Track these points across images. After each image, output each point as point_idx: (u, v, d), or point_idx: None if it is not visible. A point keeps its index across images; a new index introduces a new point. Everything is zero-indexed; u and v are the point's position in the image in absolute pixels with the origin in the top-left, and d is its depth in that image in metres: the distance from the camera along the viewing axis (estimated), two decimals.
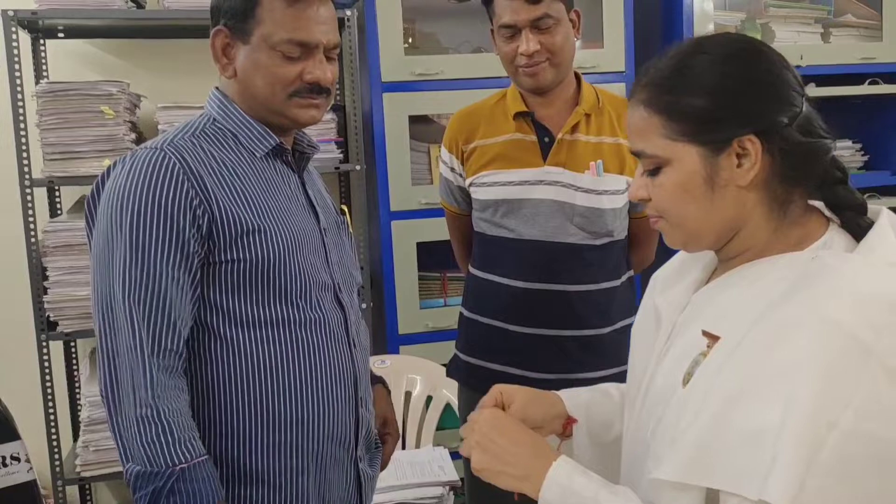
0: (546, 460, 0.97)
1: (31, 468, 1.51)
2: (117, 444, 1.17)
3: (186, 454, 1.15)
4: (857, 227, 0.94)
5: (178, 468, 1.14)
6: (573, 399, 1.20)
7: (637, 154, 0.98)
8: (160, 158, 1.19)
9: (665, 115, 0.94)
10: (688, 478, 0.87)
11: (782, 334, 0.84)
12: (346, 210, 1.51)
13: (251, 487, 1.23)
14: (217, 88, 1.33)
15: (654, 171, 0.97)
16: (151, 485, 1.13)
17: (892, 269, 0.87)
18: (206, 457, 1.17)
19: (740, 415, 0.84)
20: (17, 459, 1.48)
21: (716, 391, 0.87)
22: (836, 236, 0.95)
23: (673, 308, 1.05)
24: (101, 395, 1.18)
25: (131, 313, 1.15)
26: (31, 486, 1.49)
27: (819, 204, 0.99)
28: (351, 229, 1.50)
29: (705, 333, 0.94)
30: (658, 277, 1.15)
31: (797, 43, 2.92)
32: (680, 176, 0.94)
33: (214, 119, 1.29)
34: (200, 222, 1.18)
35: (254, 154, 1.28)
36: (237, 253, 1.20)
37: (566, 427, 1.18)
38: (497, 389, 1.16)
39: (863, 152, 3.08)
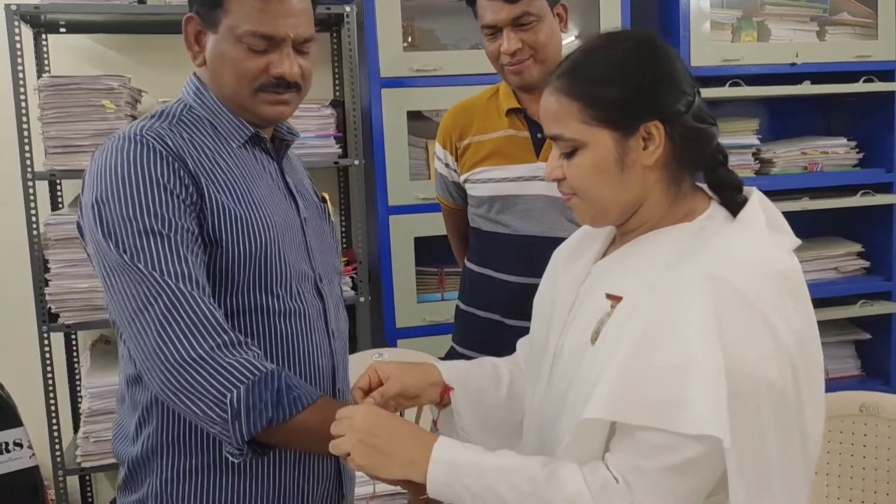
0: (427, 444, 1.03)
1: (33, 454, 1.54)
2: (203, 396, 1.08)
3: (272, 364, 1.13)
4: (734, 203, 1.08)
5: (278, 369, 1.12)
6: (449, 369, 1.26)
7: (554, 138, 1.08)
8: (143, 142, 1.15)
9: (582, 102, 1.04)
10: (608, 416, 0.96)
11: (680, 290, 0.96)
12: (326, 198, 1.49)
13: (229, 477, 1.21)
14: (192, 75, 1.30)
15: (570, 154, 1.07)
16: (267, 389, 1.09)
17: (764, 238, 1.03)
18: None
19: (648, 359, 0.94)
20: (20, 445, 1.51)
21: (624, 340, 0.97)
22: (716, 211, 1.09)
23: (575, 280, 1.17)
24: (154, 369, 1.09)
25: (169, 268, 1.10)
26: (33, 471, 1.52)
27: (702, 186, 1.13)
28: (332, 217, 1.47)
29: (608, 296, 1.06)
30: (559, 254, 1.26)
31: (793, 41, 2.95)
32: (595, 157, 1.05)
33: (191, 106, 1.26)
34: (194, 199, 1.16)
35: (231, 142, 1.26)
36: (218, 238, 1.17)
37: (443, 395, 1.24)
38: (372, 367, 1.21)
39: (857, 150, 3.11)
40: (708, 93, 2.78)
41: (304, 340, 1.26)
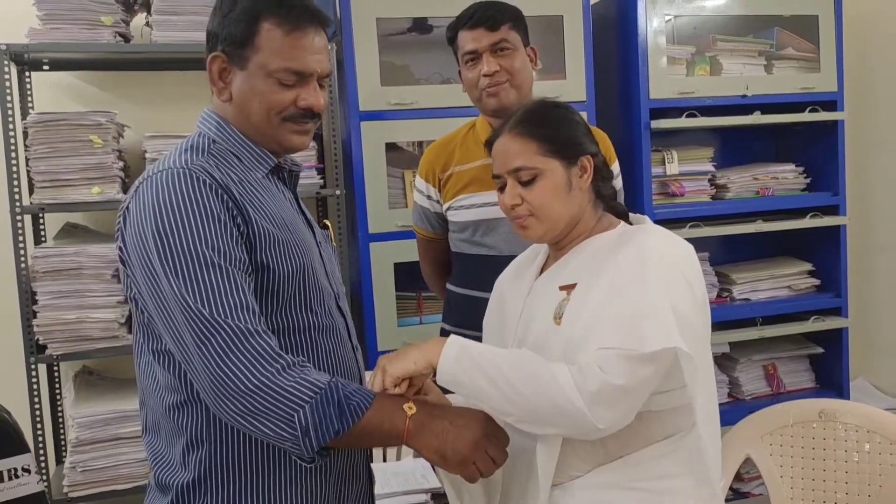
0: (442, 339, 1.27)
1: (40, 479, 1.58)
2: (272, 418, 1.15)
3: (325, 375, 1.20)
4: (628, 223, 1.45)
5: (332, 381, 1.19)
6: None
7: (516, 170, 1.37)
8: (193, 176, 1.21)
9: (538, 140, 1.37)
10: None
11: (628, 263, 1.28)
12: (329, 225, 1.58)
13: (281, 489, 1.28)
14: (209, 111, 1.36)
15: (531, 181, 1.36)
16: (329, 404, 1.16)
17: (671, 233, 1.38)
18: None
19: (615, 306, 1.24)
20: (28, 471, 1.56)
21: (591, 302, 1.27)
22: (625, 224, 1.43)
23: (520, 295, 1.45)
24: (220, 397, 1.16)
25: (225, 302, 1.16)
26: (40, 496, 1.57)
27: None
28: (334, 243, 1.58)
29: (562, 287, 1.35)
30: (503, 280, 1.55)
31: (743, 74, 3.14)
32: (552, 182, 1.36)
33: (214, 140, 1.32)
34: (241, 228, 1.22)
35: (257, 173, 1.33)
36: (266, 261, 1.24)
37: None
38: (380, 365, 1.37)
39: (805, 175, 3.29)
40: (666, 123, 2.96)
41: (339, 354, 1.35)
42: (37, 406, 2.46)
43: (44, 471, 2.49)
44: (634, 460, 1.31)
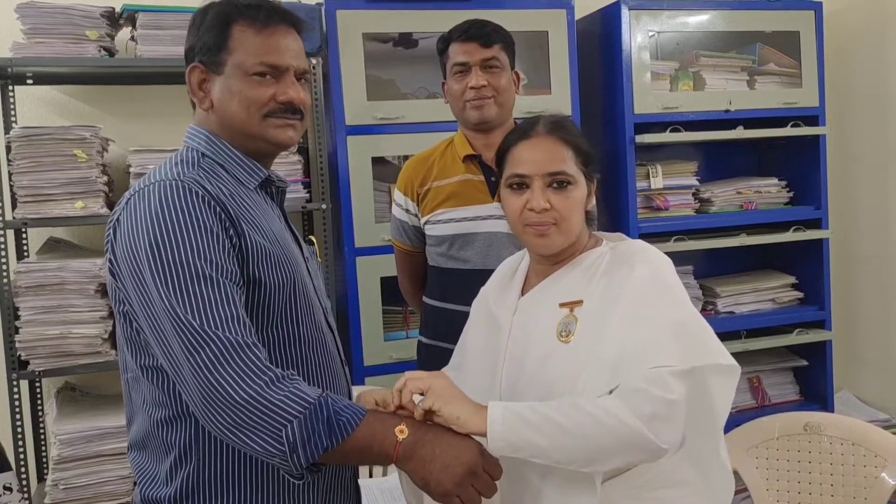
0: (480, 410, 1.25)
1: (22, 497, 1.56)
2: (260, 433, 1.13)
3: (315, 389, 1.19)
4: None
5: (323, 396, 1.17)
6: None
7: (555, 174, 1.37)
8: (186, 188, 1.20)
9: (574, 150, 1.39)
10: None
11: (642, 283, 1.30)
12: (314, 240, 1.58)
13: (258, 498, 1.27)
14: (195, 127, 1.36)
15: (563, 186, 1.37)
16: (318, 420, 1.15)
17: (653, 247, 1.41)
18: None
19: (638, 329, 1.26)
20: (10, 489, 1.53)
21: (612, 323, 1.28)
22: (608, 239, 1.47)
23: (507, 313, 1.45)
24: (209, 409, 1.14)
25: (215, 314, 1.15)
26: None
27: None
28: (319, 259, 1.58)
29: (563, 304, 1.36)
30: (486, 299, 1.53)
31: (726, 89, 3.17)
32: (581, 193, 1.40)
33: (203, 154, 1.32)
34: (234, 241, 1.22)
35: (247, 186, 1.33)
36: (258, 275, 1.23)
37: None
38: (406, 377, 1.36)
39: (788, 189, 3.32)
40: (650, 138, 2.98)
41: (328, 369, 1.35)
42: (18, 423, 2.43)
43: (25, 489, 2.45)
44: (641, 471, 1.32)
